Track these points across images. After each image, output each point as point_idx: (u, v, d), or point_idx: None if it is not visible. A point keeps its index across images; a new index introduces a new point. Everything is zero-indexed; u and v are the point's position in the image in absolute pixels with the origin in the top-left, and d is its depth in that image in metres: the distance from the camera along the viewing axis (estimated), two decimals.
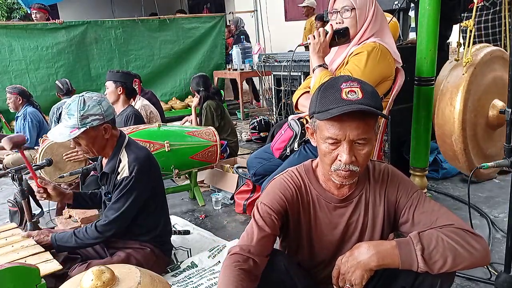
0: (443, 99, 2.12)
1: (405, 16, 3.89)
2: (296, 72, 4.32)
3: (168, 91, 6.96)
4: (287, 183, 1.36)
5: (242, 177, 3.18)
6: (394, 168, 1.40)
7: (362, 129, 1.17)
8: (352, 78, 1.23)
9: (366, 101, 1.16)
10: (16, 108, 4.32)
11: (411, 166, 2.59)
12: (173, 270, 2.25)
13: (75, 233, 1.97)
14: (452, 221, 1.24)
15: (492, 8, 3.25)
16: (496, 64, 2.18)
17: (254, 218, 1.30)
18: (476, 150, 2.16)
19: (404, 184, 1.35)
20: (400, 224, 1.34)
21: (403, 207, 1.32)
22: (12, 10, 10.87)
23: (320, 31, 2.04)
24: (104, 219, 1.98)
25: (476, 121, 2.11)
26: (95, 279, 1.33)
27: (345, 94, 1.17)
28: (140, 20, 6.66)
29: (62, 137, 1.89)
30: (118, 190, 1.97)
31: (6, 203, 2.88)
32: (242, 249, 1.23)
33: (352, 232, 1.36)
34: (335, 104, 1.16)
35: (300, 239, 1.39)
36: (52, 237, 1.95)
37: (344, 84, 1.18)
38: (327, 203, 1.35)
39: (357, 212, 1.35)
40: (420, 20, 2.35)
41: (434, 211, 1.28)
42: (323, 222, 1.36)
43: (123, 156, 2.01)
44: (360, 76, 1.97)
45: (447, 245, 1.16)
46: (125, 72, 3.36)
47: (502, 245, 2.28)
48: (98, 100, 1.92)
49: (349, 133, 1.17)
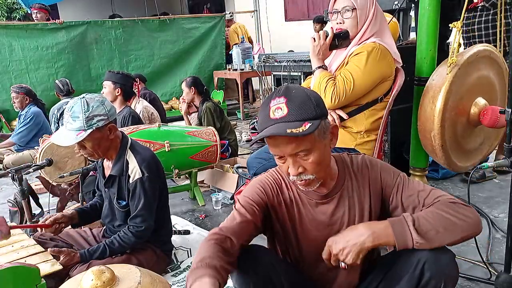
0: (426, 96, 2.18)
1: (405, 16, 3.90)
2: (296, 72, 4.33)
3: (168, 91, 6.96)
4: (267, 179, 1.39)
5: (242, 177, 3.18)
6: (371, 157, 1.41)
7: (295, 143, 1.17)
8: (281, 92, 1.21)
9: (289, 118, 1.16)
10: (21, 107, 4.34)
11: (411, 166, 2.59)
12: (173, 270, 2.25)
13: (108, 245, 1.96)
14: (440, 196, 1.25)
15: (492, 9, 3.25)
16: (482, 64, 2.23)
17: (235, 208, 1.32)
18: (454, 146, 2.24)
19: (385, 170, 1.35)
20: (391, 211, 1.35)
21: (390, 193, 1.33)
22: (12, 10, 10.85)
23: (321, 33, 2.04)
24: (140, 225, 1.97)
25: (456, 119, 2.18)
26: (95, 279, 1.33)
27: (272, 113, 1.18)
28: (140, 20, 6.66)
29: (68, 141, 1.85)
30: (136, 194, 1.97)
31: (6, 203, 2.88)
32: (221, 229, 1.23)
33: (338, 228, 1.36)
34: (265, 124, 1.19)
35: (288, 236, 1.40)
36: (82, 255, 1.91)
37: (272, 102, 1.19)
38: (309, 200, 1.36)
39: (341, 208, 1.35)
40: (420, 20, 2.35)
41: (421, 192, 1.28)
42: (307, 219, 1.37)
43: (129, 157, 2.00)
44: (360, 76, 1.98)
45: (437, 216, 1.18)
46: (126, 74, 3.35)
47: (502, 245, 2.28)
48: (101, 101, 1.91)
49: (283, 149, 1.19)
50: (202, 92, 4.00)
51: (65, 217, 2.03)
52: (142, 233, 1.98)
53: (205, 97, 4.01)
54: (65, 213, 2.07)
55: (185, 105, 4.04)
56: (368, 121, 2.08)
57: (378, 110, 2.10)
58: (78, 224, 2.17)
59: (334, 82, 1.99)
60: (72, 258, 1.87)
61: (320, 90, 2.01)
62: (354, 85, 1.97)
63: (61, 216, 2.01)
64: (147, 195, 1.97)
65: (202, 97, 3.98)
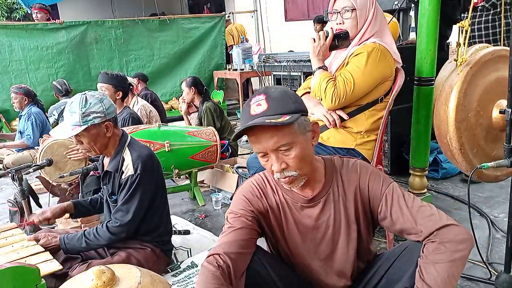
0: (439, 99, 2.12)
1: (405, 16, 3.90)
2: (296, 72, 4.33)
3: (168, 91, 6.96)
4: (251, 185, 1.40)
5: (242, 177, 3.18)
6: (364, 163, 1.40)
7: (277, 137, 1.19)
8: (261, 91, 1.25)
9: (269, 112, 1.18)
10: (21, 107, 4.33)
11: (411, 166, 2.59)
12: (173, 270, 2.25)
13: (85, 235, 1.96)
14: (429, 220, 1.24)
15: (492, 9, 3.26)
16: (500, 64, 2.13)
17: (227, 223, 1.34)
18: (476, 151, 2.13)
19: (375, 179, 1.33)
20: (379, 220, 1.35)
21: (378, 203, 1.32)
22: (12, 10, 10.86)
23: (321, 34, 2.03)
24: (116, 221, 1.96)
25: (475, 121, 2.09)
26: (95, 279, 1.33)
27: (253, 110, 1.21)
28: (140, 20, 6.66)
29: (64, 134, 1.90)
30: (125, 190, 1.97)
31: (6, 203, 2.88)
32: (220, 256, 1.23)
33: (324, 232, 1.37)
34: (245, 121, 1.21)
35: (277, 239, 1.41)
36: (60, 239, 1.94)
37: (253, 100, 1.23)
38: (294, 203, 1.37)
39: (326, 212, 1.35)
40: (420, 20, 2.35)
41: (409, 208, 1.27)
42: (293, 222, 1.38)
43: (126, 154, 2.00)
44: (361, 77, 1.98)
45: (442, 272, 1.17)
46: (122, 75, 3.31)
47: (502, 245, 2.28)
48: (100, 98, 1.93)
49: (265, 145, 1.21)
50: (202, 92, 4.00)
51: (55, 212, 2.08)
52: (117, 229, 1.95)
53: (205, 97, 4.01)
54: (60, 206, 2.12)
55: (185, 105, 4.04)
56: (368, 121, 2.08)
57: (378, 110, 2.10)
58: (74, 215, 2.19)
59: (335, 82, 1.99)
60: (50, 241, 1.92)
61: (321, 91, 2.01)
62: (355, 85, 1.97)
63: (47, 217, 2.07)
64: (134, 193, 1.96)
65: (202, 97, 3.98)
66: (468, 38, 3.42)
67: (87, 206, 2.22)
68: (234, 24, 7.79)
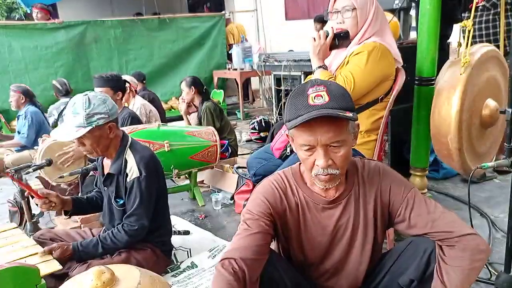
0: (439, 98, 2.11)
1: (406, 15, 3.90)
2: (296, 72, 4.32)
3: (168, 91, 6.95)
4: (272, 186, 1.36)
5: (242, 177, 3.18)
6: (386, 166, 1.39)
7: (333, 132, 1.17)
8: (319, 81, 1.21)
9: (332, 104, 1.15)
10: (18, 106, 4.32)
11: (411, 166, 2.59)
12: (173, 270, 2.25)
13: (101, 241, 1.96)
14: (451, 227, 1.25)
15: (493, 9, 3.26)
16: (490, 64, 2.18)
17: (244, 224, 1.30)
18: (469, 149, 2.17)
19: (396, 183, 1.33)
20: (395, 223, 1.34)
21: (398, 207, 1.32)
22: (12, 10, 10.86)
23: (321, 33, 2.03)
24: (133, 225, 1.96)
25: (471, 121, 2.12)
26: (95, 279, 1.33)
27: (312, 100, 1.17)
28: (140, 20, 6.65)
29: (67, 136, 1.88)
30: (133, 193, 1.96)
31: (6, 203, 2.88)
32: (236, 260, 1.20)
33: (342, 233, 1.36)
34: (303, 111, 1.17)
35: (290, 240, 1.39)
36: (74, 247, 1.92)
37: (310, 90, 1.18)
38: (315, 205, 1.35)
39: (346, 213, 1.35)
40: (420, 19, 2.35)
41: (430, 213, 1.28)
42: (312, 223, 1.36)
43: (128, 156, 2.00)
44: (361, 76, 1.97)
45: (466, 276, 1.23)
46: (115, 74, 3.27)
47: (502, 245, 2.28)
48: (103, 99, 1.92)
49: (320, 138, 1.17)
50: (202, 92, 4.00)
51: (59, 198, 2.03)
52: (135, 233, 1.97)
53: (205, 97, 4.00)
54: (60, 195, 2.08)
55: (185, 105, 4.03)
56: (368, 121, 2.08)
57: (378, 110, 2.10)
58: (71, 212, 2.15)
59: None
60: (65, 251, 1.88)
61: None
62: (355, 85, 1.96)
63: (55, 195, 2.02)
64: (144, 195, 1.96)
65: (202, 97, 3.97)
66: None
67: (83, 202, 2.20)
68: (234, 23, 7.79)
